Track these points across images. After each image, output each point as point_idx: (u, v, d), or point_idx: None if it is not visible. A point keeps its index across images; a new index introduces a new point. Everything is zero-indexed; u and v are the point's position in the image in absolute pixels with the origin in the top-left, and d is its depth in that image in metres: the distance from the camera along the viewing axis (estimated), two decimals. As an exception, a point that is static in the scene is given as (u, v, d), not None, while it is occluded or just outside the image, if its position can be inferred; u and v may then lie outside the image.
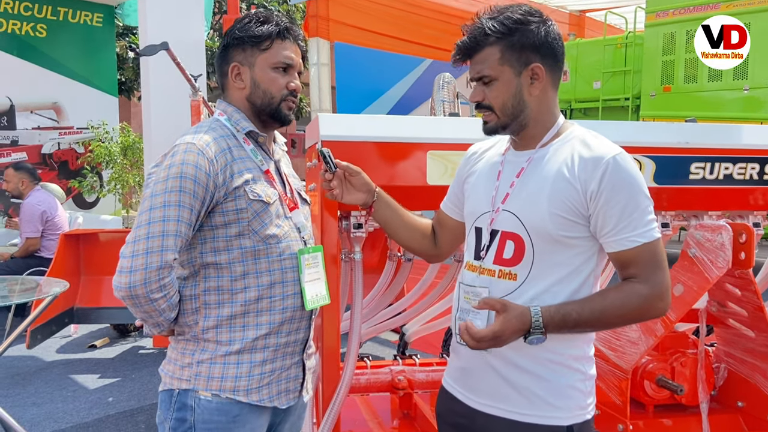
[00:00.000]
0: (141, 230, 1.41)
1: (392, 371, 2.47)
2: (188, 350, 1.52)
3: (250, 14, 1.60)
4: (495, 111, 1.48)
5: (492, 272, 1.47)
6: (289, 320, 1.56)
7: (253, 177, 1.51)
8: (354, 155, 2.08)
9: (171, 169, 1.44)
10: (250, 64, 1.56)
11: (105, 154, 8.43)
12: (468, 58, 1.50)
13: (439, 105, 5.23)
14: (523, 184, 1.47)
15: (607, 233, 1.38)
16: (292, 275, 1.56)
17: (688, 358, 2.35)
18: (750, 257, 2.05)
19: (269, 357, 1.53)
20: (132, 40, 12.19)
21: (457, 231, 1.71)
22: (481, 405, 1.50)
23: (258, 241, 1.50)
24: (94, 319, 4.91)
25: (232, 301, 1.50)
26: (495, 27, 1.44)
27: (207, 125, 1.55)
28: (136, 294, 1.40)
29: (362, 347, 3.95)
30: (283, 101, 1.57)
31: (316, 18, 10.29)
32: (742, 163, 2.35)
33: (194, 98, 4.32)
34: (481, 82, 1.49)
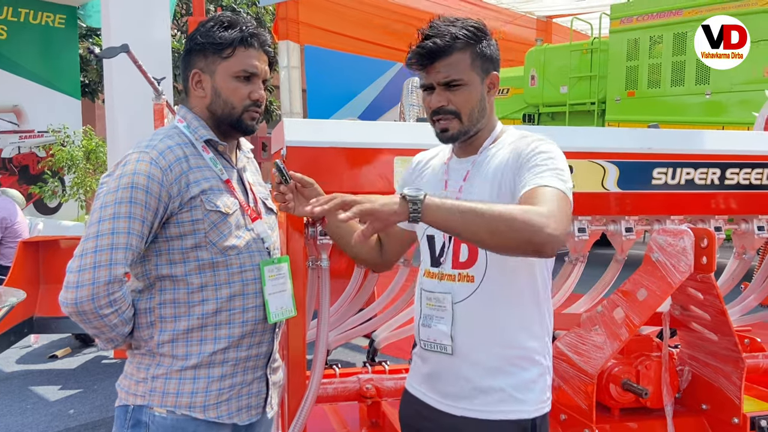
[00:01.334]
0: (89, 243, 1.36)
1: (360, 380, 2.44)
2: (143, 365, 1.47)
3: (215, 18, 1.53)
4: (461, 117, 1.49)
5: (452, 277, 1.51)
6: (249, 334, 1.51)
7: (210, 186, 1.46)
8: (320, 161, 2.05)
9: (122, 179, 1.39)
10: (211, 71, 1.50)
11: (67, 158, 8.26)
12: (430, 63, 1.48)
13: (408, 110, 5.23)
14: (470, 188, 1.52)
15: (522, 183, 1.39)
16: (254, 287, 1.52)
17: (652, 361, 2.37)
18: (711, 262, 2.08)
19: (228, 372, 1.48)
20: (95, 42, 11.96)
21: (404, 240, 1.75)
22: (449, 407, 1.52)
23: (216, 253, 1.46)
24: (54, 328, 4.77)
25: (189, 315, 1.45)
26: (466, 33, 1.46)
27: (164, 133, 1.50)
28: (83, 310, 1.35)
29: (332, 353, 3.92)
30: (245, 112, 1.51)
31: (286, 21, 10.24)
32: (703, 168, 2.39)
33: (157, 102, 4.24)
34: (444, 87, 1.48)
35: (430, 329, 1.53)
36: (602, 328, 2.22)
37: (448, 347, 1.51)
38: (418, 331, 1.58)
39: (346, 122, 2.23)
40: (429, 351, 1.55)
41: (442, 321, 1.49)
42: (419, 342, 1.58)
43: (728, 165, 2.42)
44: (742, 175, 2.43)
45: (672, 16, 8.22)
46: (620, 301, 2.21)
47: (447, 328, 1.49)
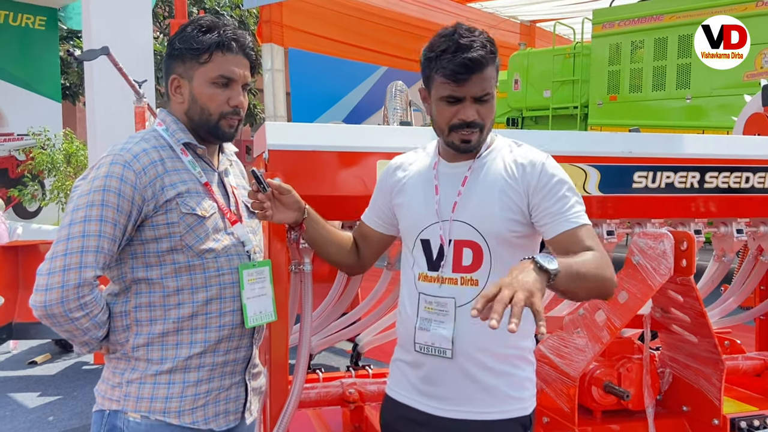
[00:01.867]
0: (59, 246, 1.36)
1: (343, 384, 2.43)
2: (119, 369, 1.46)
3: (195, 21, 1.51)
4: (483, 129, 1.51)
5: (454, 281, 1.53)
6: (227, 338, 1.50)
7: (188, 189, 1.45)
8: (302, 164, 2.04)
9: (95, 182, 1.38)
10: (189, 77, 1.48)
11: (47, 161, 8.16)
12: (470, 76, 1.45)
13: (392, 113, 5.24)
14: (470, 193, 1.53)
15: (550, 221, 1.48)
16: (232, 291, 1.50)
17: (633, 363, 2.39)
18: (691, 265, 2.10)
19: (205, 376, 1.47)
20: (76, 44, 11.84)
21: (381, 244, 1.77)
22: (447, 411, 1.54)
23: (192, 256, 1.44)
24: (34, 334, 4.71)
25: (164, 318, 1.44)
26: (492, 49, 1.48)
27: (140, 135, 1.49)
28: (52, 313, 1.34)
29: (316, 358, 3.90)
30: (222, 119, 1.49)
31: (270, 23, 10.21)
32: (683, 172, 2.41)
33: (138, 104, 4.21)
34: (476, 101, 1.48)
35: (429, 333, 1.53)
36: (584, 330, 2.24)
37: (448, 351, 1.51)
38: (413, 334, 1.56)
39: (328, 126, 2.22)
40: (425, 354, 1.54)
41: (442, 325, 1.50)
42: (414, 345, 1.56)
43: (707, 169, 2.45)
44: (721, 179, 2.46)
45: (653, 22, 8.31)
46: (601, 304, 2.23)
47: (448, 332, 1.50)
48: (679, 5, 8.08)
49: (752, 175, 2.50)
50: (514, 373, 1.54)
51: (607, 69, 8.81)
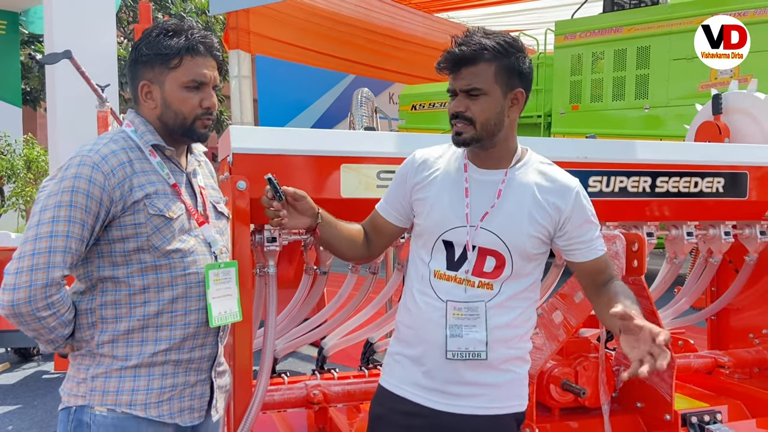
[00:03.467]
0: (27, 246, 1.37)
1: (307, 386, 2.45)
2: (83, 365, 1.48)
3: (159, 26, 1.52)
4: (475, 124, 1.55)
5: (472, 283, 1.58)
6: (192, 336, 1.52)
7: (156, 191, 1.47)
8: (267, 168, 2.06)
9: (63, 182, 1.39)
10: (160, 82, 1.50)
11: (7, 167, 7.97)
12: (456, 69, 1.54)
13: (358, 120, 5.28)
14: (503, 205, 1.58)
15: (580, 246, 1.63)
16: (197, 290, 1.52)
17: (590, 362, 2.46)
18: (642, 265, 2.18)
19: (169, 371, 1.49)
20: (38, 48, 11.60)
21: (394, 235, 1.80)
22: (449, 406, 1.59)
23: (159, 256, 1.47)
24: (-8, 343, 4.60)
25: (130, 316, 1.46)
26: (495, 46, 1.52)
27: (109, 137, 1.50)
28: (20, 312, 1.35)
29: (282, 363, 3.90)
30: (196, 120, 1.52)
31: (237, 30, 10.16)
32: (635, 177, 2.51)
33: (101, 109, 4.16)
34: (466, 95, 1.54)
35: (462, 339, 1.56)
36: (542, 330, 2.31)
37: (482, 353, 1.56)
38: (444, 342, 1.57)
39: (292, 130, 2.25)
40: (459, 360, 1.57)
41: (474, 329, 1.55)
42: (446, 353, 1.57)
43: (658, 174, 2.55)
44: (671, 184, 2.57)
45: (612, 33, 8.54)
46: (558, 304, 2.30)
47: (482, 336, 1.56)
48: (637, 18, 8.32)
49: (701, 179, 2.61)
50: (515, 371, 1.63)
51: (569, 79, 9.00)
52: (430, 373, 1.60)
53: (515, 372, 1.62)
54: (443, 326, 1.57)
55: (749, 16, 7.12)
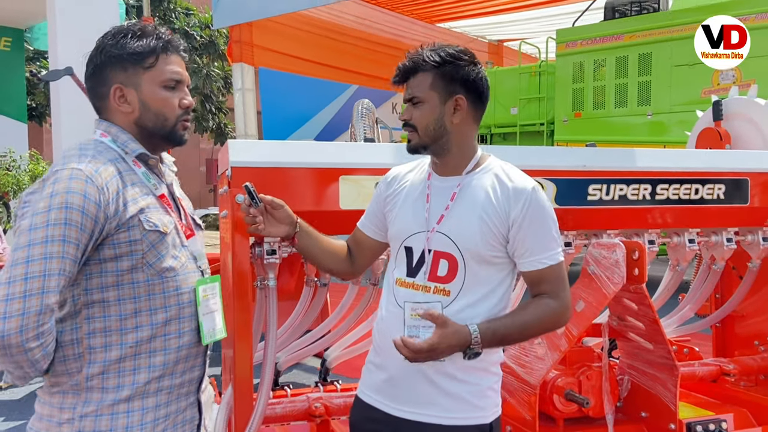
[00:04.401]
0: (17, 269, 1.22)
1: (309, 398, 2.44)
2: (67, 404, 1.33)
3: (123, 27, 1.45)
4: (418, 130, 1.62)
5: (427, 288, 1.60)
6: (184, 359, 1.44)
7: (148, 204, 1.38)
8: (265, 181, 2.07)
9: (54, 198, 1.26)
10: (135, 84, 1.41)
11: (13, 183, 8.02)
12: (405, 81, 1.65)
13: (359, 132, 5.29)
14: (456, 208, 1.61)
15: (523, 254, 1.58)
16: (190, 310, 1.44)
17: (593, 371, 2.45)
18: (643, 273, 2.18)
19: (163, 401, 1.40)
20: (43, 64, 11.72)
21: (375, 250, 1.83)
22: (407, 413, 1.59)
23: (153, 275, 1.37)
24: (-3, 358, 4.60)
25: (121, 343, 1.35)
26: (431, 56, 1.60)
27: (92, 148, 1.38)
28: (9, 344, 1.21)
29: (286, 375, 3.89)
30: (178, 122, 1.45)
31: (240, 43, 10.23)
32: (635, 185, 2.50)
33: (104, 124, 4.19)
34: (411, 103, 1.63)
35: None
36: (543, 339, 2.29)
37: None
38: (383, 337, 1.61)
39: (290, 142, 2.26)
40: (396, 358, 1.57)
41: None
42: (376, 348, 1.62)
43: (658, 181, 2.54)
44: (671, 191, 2.56)
45: (614, 41, 8.56)
46: (560, 313, 2.28)
47: None
48: (639, 25, 8.34)
49: (701, 186, 2.60)
50: (475, 382, 1.59)
51: (572, 87, 9.02)
52: (392, 379, 1.62)
53: (475, 384, 1.59)
54: (401, 328, 1.58)
55: (750, 21, 7.12)
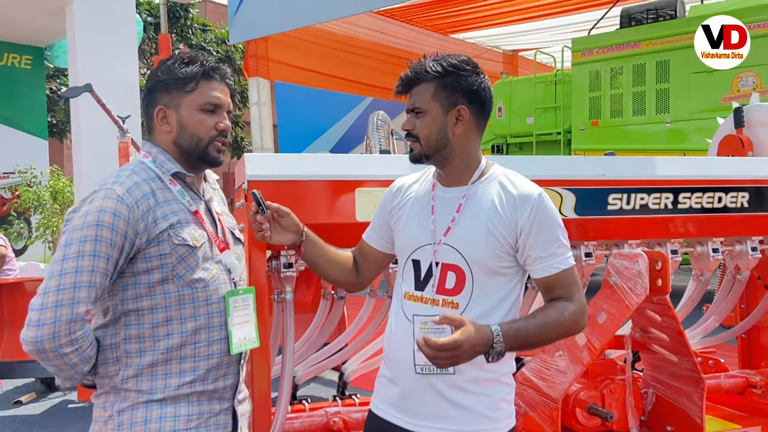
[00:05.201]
0: (52, 281, 1.36)
1: (327, 413, 2.42)
2: (109, 402, 1.46)
3: (175, 55, 1.57)
4: (420, 141, 1.61)
5: (436, 301, 1.58)
6: (215, 367, 1.52)
7: (179, 220, 1.48)
8: (282, 194, 2.07)
9: (88, 216, 1.39)
10: (176, 106, 1.53)
11: (33, 199, 8.13)
12: (407, 91, 1.63)
13: (375, 143, 5.30)
14: (462, 219, 1.59)
15: (534, 261, 1.56)
16: (219, 320, 1.52)
17: (617, 384, 2.40)
18: (666, 283, 2.13)
19: (194, 404, 1.48)
20: (63, 82, 11.92)
21: (381, 261, 1.82)
22: (420, 427, 1.57)
23: (183, 286, 1.46)
24: (19, 373, 4.65)
25: (153, 349, 1.45)
26: (433, 67, 1.59)
27: (130, 169, 1.51)
28: (43, 348, 1.34)
29: (304, 388, 3.87)
30: (211, 143, 1.54)
31: (256, 58, 10.34)
32: (656, 194, 2.46)
33: (122, 140, 4.23)
34: (413, 113, 1.62)
35: None
36: (565, 352, 2.26)
37: (450, 368, 1.52)
38: (412, 357, 1.57)
39: (307, 155, 2.26)
40: (427, 375, 1.56)
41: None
42: (415, 368, 1.57)
43: (680, 190, 2.50)
44: (693, 200, 2.51)
45: (630, 49, 8.50)
46: (581, 326, 2.24)
47: None
48: (656, 33, 8.27)
49: (724, 195, 2.56)
50: (488, 393, 1.57)
51: (588, 95, 8.96)
52: (405, 393, 1.60)
53: (488, 395, 1.57)
54: (411, 342, 1.57)
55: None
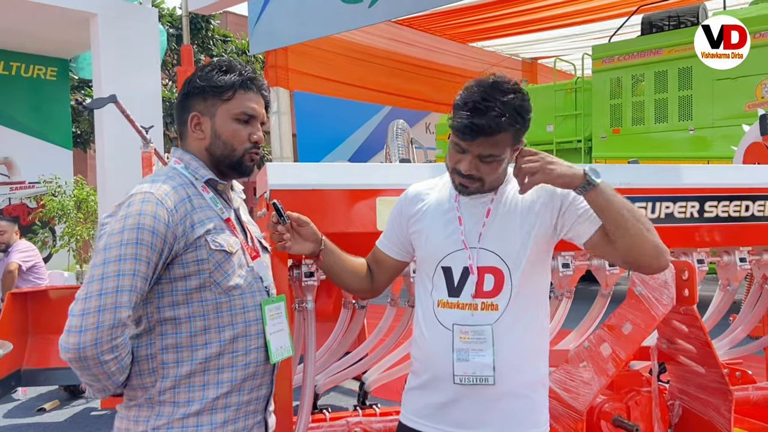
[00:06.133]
0: (93, 286, 1.32)
1: (348, 423, 2.41)
2: (142, 417, 1.41)
3: (213, 63, 1.55)
4: (484, 182, 1.57)
5: (474, 306, 1.56)
6: (251, 376, 1.49)
7: (214, 226, 1.45)
8: (303, 203, 2.07)
9: (127, 219, 1.36)
10: (211, 114, 1.51)
11: (58, 208, 8.26)
12: (473, 138, 1.49)
13: (394, 151, 5.30)
14: (494, 221, 1.59)
15: (578, 223, 1.55)
16: (256, 328, 1.50)
17: (642, 396, 2.36)
18: (693, 294, 2.09)
19: (231, 417, 1.45)
20: (87, 93, 12.12)
21: (395, 269, 1.82)
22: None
23: (220, 293, 1.44)
24: (43, 380, 4.68)
25: (191, 359, 1.42)
26: (514, 116, 1.49)
27: (164, 173, 1.49)
28: (85, 356, 1.30)
29: (324, 398, 3.86)
30: (245, 154, 1.52)
31: (276, 68, 10.44)
32: (682, 202, 2.42)
33: (145, 150, 4.29)
34: (479, 159, 1.53)
35: (469, 363, 1.54)
36: (590, 363, 2.22)
37: (490, 378, 1.53)
38: (451, 368, 1.55)
39: (328, 164, 2.26)
40: (462, 385, 1.54)
41: (481, 353, 1.52)
42: (453, 378, 1.55)
43: (707, 198, 2.46)
44: (720, 208, 2.47)
45: (652, 55, 8.43)
46: (606, 336, 2.22)
47: (489, 360, 1.53)
48: (677, 39, 8.19)
49: (752, 203, 2.51)
50: (532, 397, 1.57)
51: (609, 103, 8.89)
52: (444, 403, 1.58)
53: (529, 397, 1.56)
54: (450, 351, 1.55)
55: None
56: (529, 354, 1.58)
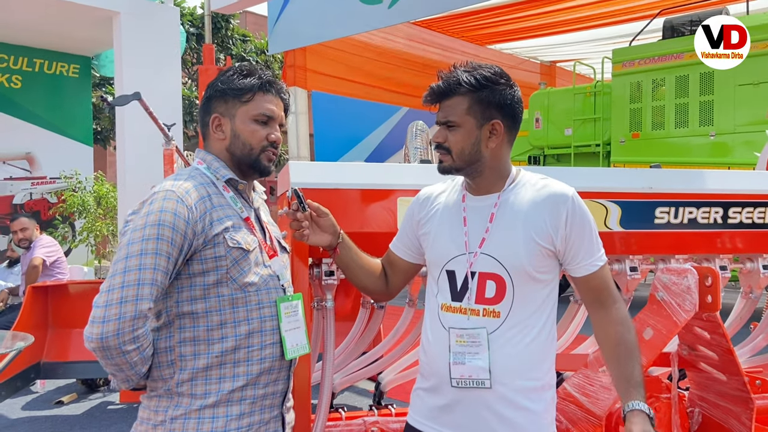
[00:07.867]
0: (116, 279, 1.39)
1: (365, 422, 2.42)
2: (161, 407, 1.48)
3: (234, 67, 1.63)
4: (452, 154, 1.60)
5: (476, 311, 1.56)
6: (267, 371, 1.53)
7: (233, 224, 1.51)
8: (325, 202, 2.08)
9: (149, 216, 1.43)
10: (231, 115, 1.57)
11: (78, 203, 8.35)
12: (437, 102, 1.61)
13: (413, 152, 5.30)
14: (497, 227, 1.58)
15: (573, 259, 1.58)
16: (271, 324, 1.54)
17: (662, 402, 2.34)
18: (716, 300, 2.07)
19: (246, 410, 1.50)
20: (108, 90, 12.25)
21: (408, 271, 1.82)
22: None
23: (236, 289, 1.49)
24: (61, 374, 4.75)
25: (208, 352, 1.47)
26: (468, 80, 1.57)
27: (186, 173, 1.55)
28: (107, 345, 1.36)
29: (339, 397, 3.87)
30: (262, 152, 1.58)
31: (294, 68, 10.50)
32: (705, 208, 2.40)
33: (167, 147, 4.33)
34: (445, 126, 1.61)
35: (465, 366, 1.55)
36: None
37: (486, 381, 1.53)
38: (448, 370, 1.57)
39: (350, 164, 2.27)
40: (461, 388, 1.55)
41: (477, 356, 1.53)
42: (450, 381, 1.57)
43: (731, 204, 2.43)
44: (744, 214, 2.44)
45: (673, 60, 8.35)
46: (626, 341, 2.19)
47: (485, 363, 1.53)
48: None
49: (777, 210, 2.48)
50: (533, 408, 1.55)
51: (629, 107, 8.82)
52: (447, 405, 1.59)
53: (529, 409, 1.54)
54: (447, 354, 1.56)
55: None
56: (529, 361, 1.55)
